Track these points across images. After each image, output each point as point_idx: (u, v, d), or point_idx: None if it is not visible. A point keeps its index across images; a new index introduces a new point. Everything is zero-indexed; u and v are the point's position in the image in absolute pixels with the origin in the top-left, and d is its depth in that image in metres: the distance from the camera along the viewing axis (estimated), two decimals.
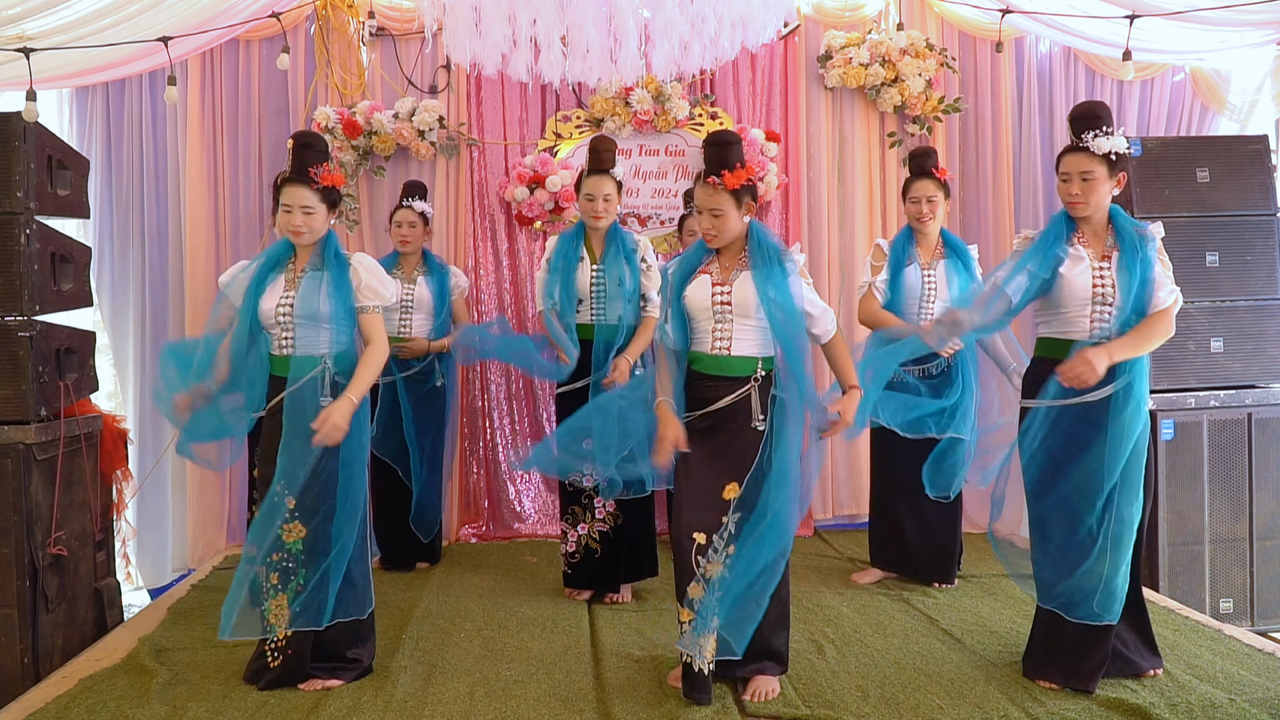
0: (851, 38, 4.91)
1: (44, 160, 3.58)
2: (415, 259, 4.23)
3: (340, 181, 2.96)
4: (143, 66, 4.43)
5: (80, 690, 2.86)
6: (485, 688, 2.86)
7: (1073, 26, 4.58)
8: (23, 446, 3.34)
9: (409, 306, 4.16)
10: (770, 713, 2.67)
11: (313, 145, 2.94)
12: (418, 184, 4.29)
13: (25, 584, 3.32)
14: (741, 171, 2.71)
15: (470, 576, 4.10)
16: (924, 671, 2.95)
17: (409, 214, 4.18)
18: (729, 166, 2.70)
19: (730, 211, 2.72)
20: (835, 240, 5.02)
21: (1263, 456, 4.10)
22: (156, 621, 3.52)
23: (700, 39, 3.30)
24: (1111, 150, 2.75)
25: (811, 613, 3.55)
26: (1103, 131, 2.76)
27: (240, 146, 4.83)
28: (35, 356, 3.43)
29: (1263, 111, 4.81)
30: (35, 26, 3.81)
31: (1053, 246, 2.82)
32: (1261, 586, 4.09)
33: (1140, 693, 2.74)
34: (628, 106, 4.80)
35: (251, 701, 2.76)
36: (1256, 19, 4.20)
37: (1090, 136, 2.76)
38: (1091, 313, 2.78)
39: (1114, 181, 2.79)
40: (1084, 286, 2.78)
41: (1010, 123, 5.03)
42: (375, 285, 2.92)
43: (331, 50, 4.85)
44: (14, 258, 3.43)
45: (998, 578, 3.99)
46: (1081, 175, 2.77)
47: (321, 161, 2.91)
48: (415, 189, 4.25)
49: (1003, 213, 5.02)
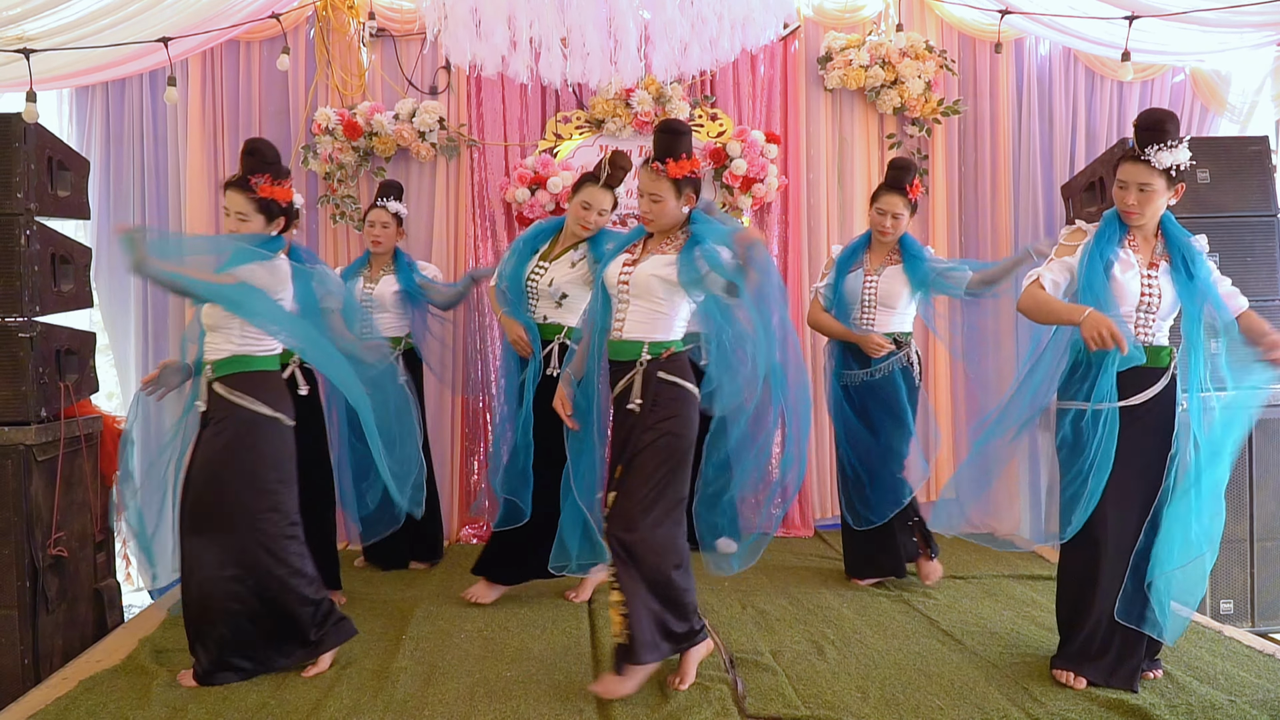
0: (851, 39, 4.92)
1: (44, 161, 3.58)
2: (385, 259, 4.19)
3: (283, 196, 2.94)
4: (143, 66, 4.44)
5: (80, 691, 2.85)
6: (485, 688, 2.86)
7: (1072, 27, 4.59)
8: (23, 447, 3.34)
9: (369, 305, 4.09)
10: (770, 713, 2.67)
11: (257, 153, 2.94)
12: (393, 184, 4.28)
13: (25, 585, 3.32)
14: (686, 163, 2.77)
15: (470, 577, 4.09)
16: (924, 672, 2.95)
17: (382, 214, 4.15)
18: (675, 155, 2.77)
19: (669, 199, 2.80)
20: (835, 241, 5.00)
21: (1263, 457, 4.10)
22: (157, 623, 3.51)
23: (700, 40, 3.30)
24: (1174, 165, 2.73)
25: (811, 613, 3.55)
26: (1167, 145, 2.72)
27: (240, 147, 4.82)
28: (35, 357, 3.43)
29: (1263, 112, 4.82)
30: (35, 27, 3.82)
31: (1106, 248, 2.82)
32: (1262, 587, 4.09)
33: (1140, 693, 2.74)
34: (628, 108, 4.80)
35: (251, 702, 2.76)
36: (1256, 20, 4.21)
37: (1154, 150, 2.72)
38: (1136, 318, 2.79)
39: (1172, 193, 2.78)
40: (1133, 293, 2.78)
41: (1009, 125, 5.04)
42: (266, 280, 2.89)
43: (332, 51, 4.86)
44: (14, 259, 3.43)
45: (997, 578, 3.99)
46: (1139, 186, 2.75)
47: (263, 171, 2.91)
48: (390, 189, 4.23)
49: (1001, 215, 5.02)
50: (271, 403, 2.90)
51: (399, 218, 4.20)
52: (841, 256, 3.93)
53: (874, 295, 3.77)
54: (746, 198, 4.84)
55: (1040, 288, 2.84)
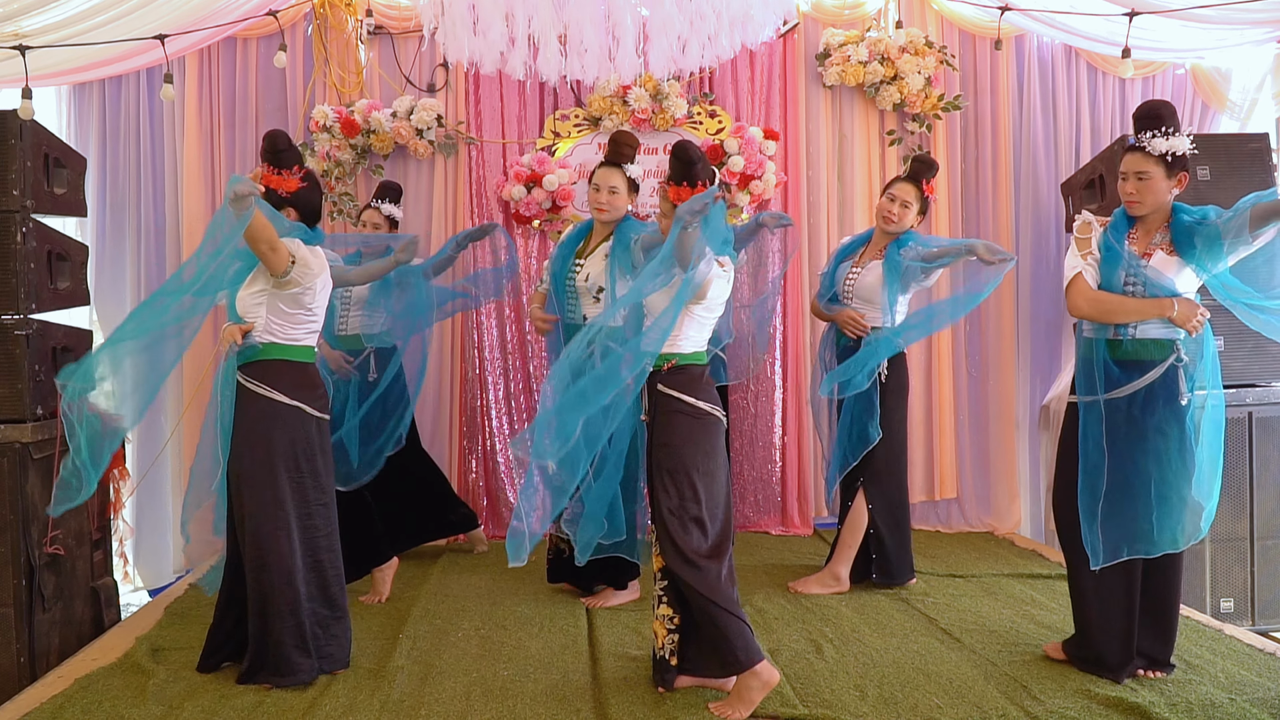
0: (850, 35, 4.90)
1: (41, 158, 3.57)
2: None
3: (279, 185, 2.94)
4: (140, 63, 4.42)
5: (76, 690, 2.85)
6: (482, 687, 2.85)
7: (1071, 24, 4.57)
8: (19, 445, 3.33)
9: (347, 302, 4.04)
10: (768, 711, 2.66)
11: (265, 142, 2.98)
12: (391, 186, 4.26)
13: (21, 583, 3.31)
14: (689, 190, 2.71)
15: (468, 576, 4.08)
16: (923, 671, 2.94)
17: (374, 215, 4.14)
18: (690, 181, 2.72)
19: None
20: (835, 238, 4.99)
21: (1263, 455, 4.09)
22: (153, 621, 3.51)
23: (699, 37, 3.28)
24: (1169, 151, 2.73)
25: (810, 612, 3.54)
26: (1162, 132, 2.74)
27: (238, 145, 4.82)
28: (32, 355, 3.42)
29: (1263, 109, 4.80)
30: (31, 24, 3.80)
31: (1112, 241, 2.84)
32: (1262, 586, 4.08)
33: (1140, 692, 2.73)
34: (626, 105, 4.79)
35: (247, 701, 2.75)
36: (1256, 17, 4.19)
37: (1149, 136, 2.75)
38: None
39: (1173, 181, 2.77)
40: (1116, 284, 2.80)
41: (1010, 120, 5.02)
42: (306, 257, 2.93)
43: (329, 49, 4.84)
44: (10, 256, 3.42)
45: (997, 577, 3.98)
46: (1137, 175, 2.78)
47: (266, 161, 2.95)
48: (388, 191, 4.21)
49: (1002, 211, 5.01)
50: (288, 390, 2.86)
51: (391, 220, 4.17)
52: (842, 247, 3.97)
53: (853, 288, 3.76)
54: (744, 195, 4.83)
55: (1091, 288, 2.83)
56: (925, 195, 3.74)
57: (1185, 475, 2.74)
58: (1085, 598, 2.91)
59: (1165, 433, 2.76)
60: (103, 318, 4.77)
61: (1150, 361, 2.79)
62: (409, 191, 4.81)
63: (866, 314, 3.72)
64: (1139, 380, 2.79)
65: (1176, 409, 2.75)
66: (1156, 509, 2.75)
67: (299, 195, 2.98)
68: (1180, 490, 2.74)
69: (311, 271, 2.88)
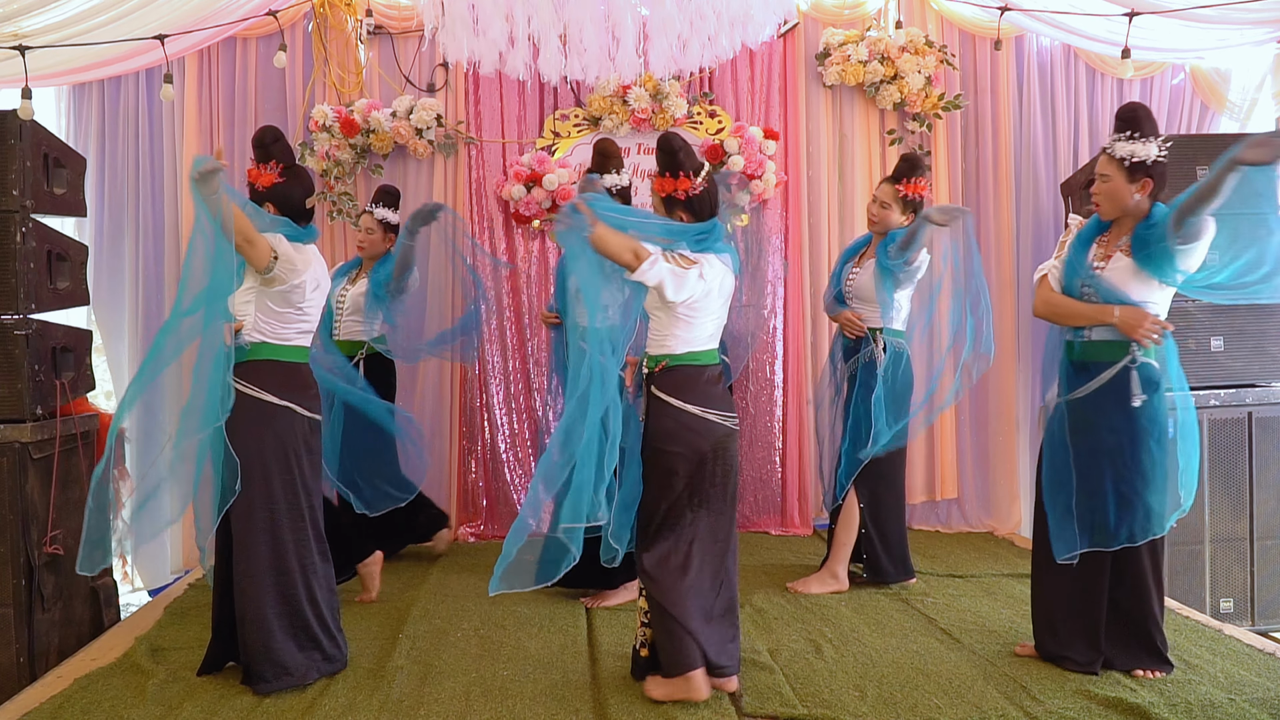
0: (850, 35, 4.90)
1: (40, 158, 3.57)
2: (372, 264, 4.14)
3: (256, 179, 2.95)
4: (139, 64, 4.42)
5: (75, 690, 2.85)
6: (482, 687, 2.85)
7: (1071, 24, 4.57)
8: (19, 445, 3.33)
9: (341, 307, 4.04)
10: (767, 711, 2.66)
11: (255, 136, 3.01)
12: (388, 190, 4.25)
13: (21, 583, 3.31)
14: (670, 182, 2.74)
15: (468, 576, 4.08)
16: (922, 671, 2.94)
17: (368, 219, 4.15)
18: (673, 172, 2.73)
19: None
20: (835, 238, 5.00)
21: (1263, 456, 4.09)
22: (153, 621, 3.51)
23: (699, 37, 3.28)
24: (1129, 156, 2.73)
25: (809, 612, 3.54)
26: (1129, 136, 2.74)
27: (237, 145, 4.81)
28: (31, 355, 3.42)
29: (1263, 110, 4.80)
30: (31, 24, 3.80)
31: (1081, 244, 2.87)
32: (1262, 586, 4.08)
33: (1140, 692, 2.73)
34: (625, 105, 4.78)
35: (247, 701, 2.75)
36: (1256, 17, 4.19)
37: (1114, 139, 2.76)
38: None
39: (1135, 187, 2.76)
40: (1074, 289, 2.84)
41: (1010, 120, 5.02)
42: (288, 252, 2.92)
43: (329, 48, 4.84)
44: (10, 256, 3.41)
45: (997, 577, 3.98)
46: (1100, 176, 2.80)
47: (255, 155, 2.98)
48: (383, 195, 4.21)
49: (1003, 210, 5.01)
50: (278, 391, 2.84)
51: (386, 224, 4.16)
52: (848, 248, 4.04)
53: (853, 288, 3.80)
54: (745, 194, 4.83)
55: (1051, 290, 2.88)
56: (908, 194, 3.71)
57: (1140, 473, 2.77)
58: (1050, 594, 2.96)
59: (1118, 431, 2.79)
60: (102, 318, 4.77)
61: (1101, 364, 2.82)
62: (408, 192, 4.80)
63: (865, 313, 3.75)
64: (1091, 382, 2.83)
65: (1128, 410, 2.77)
66: (1113, 505, 2.79)
67: (275, 190, 2.93)
68: (1135, 487, 2.77)
69: (296, 269, 2.83)
